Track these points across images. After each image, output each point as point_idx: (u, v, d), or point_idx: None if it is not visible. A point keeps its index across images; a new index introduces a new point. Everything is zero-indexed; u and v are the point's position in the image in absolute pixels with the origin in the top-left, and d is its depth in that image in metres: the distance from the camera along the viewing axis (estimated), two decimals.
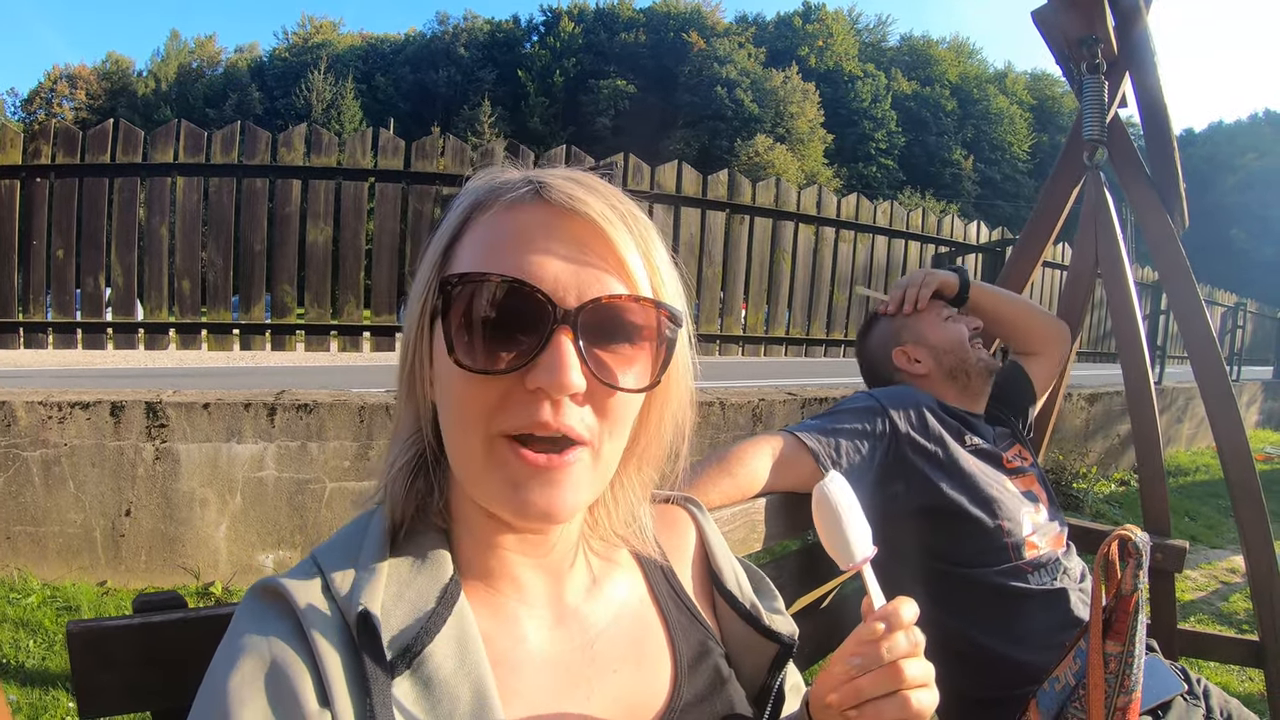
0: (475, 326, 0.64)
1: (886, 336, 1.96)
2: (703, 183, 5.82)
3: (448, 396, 0.67)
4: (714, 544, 0.92)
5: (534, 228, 0.66)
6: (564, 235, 0.66)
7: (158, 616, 0.86)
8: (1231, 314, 14.14)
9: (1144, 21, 2.14)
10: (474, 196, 0.70)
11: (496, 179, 0.71)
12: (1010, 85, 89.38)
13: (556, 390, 0.63)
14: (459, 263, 0.68)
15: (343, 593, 0.63)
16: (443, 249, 0.70)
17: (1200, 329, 2.28)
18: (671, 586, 0.86)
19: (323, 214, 4.96)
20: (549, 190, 0.67)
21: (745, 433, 4.78)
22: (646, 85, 77.41)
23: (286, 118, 60.04)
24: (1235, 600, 4.63)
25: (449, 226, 0.70)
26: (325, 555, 0.68)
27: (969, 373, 1.84)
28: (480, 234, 0.68)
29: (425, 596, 0.66)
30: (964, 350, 1.84)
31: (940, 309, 1.91)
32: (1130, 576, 1.35)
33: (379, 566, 0.66)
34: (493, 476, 0.66)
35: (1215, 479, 7.87)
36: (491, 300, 0.63)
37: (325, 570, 0.66)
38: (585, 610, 0.77)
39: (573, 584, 0.78)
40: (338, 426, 3.97)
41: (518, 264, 0.64)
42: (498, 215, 0.68)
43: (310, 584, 0.64)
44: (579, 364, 0.63)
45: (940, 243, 7.40)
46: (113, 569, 3.77)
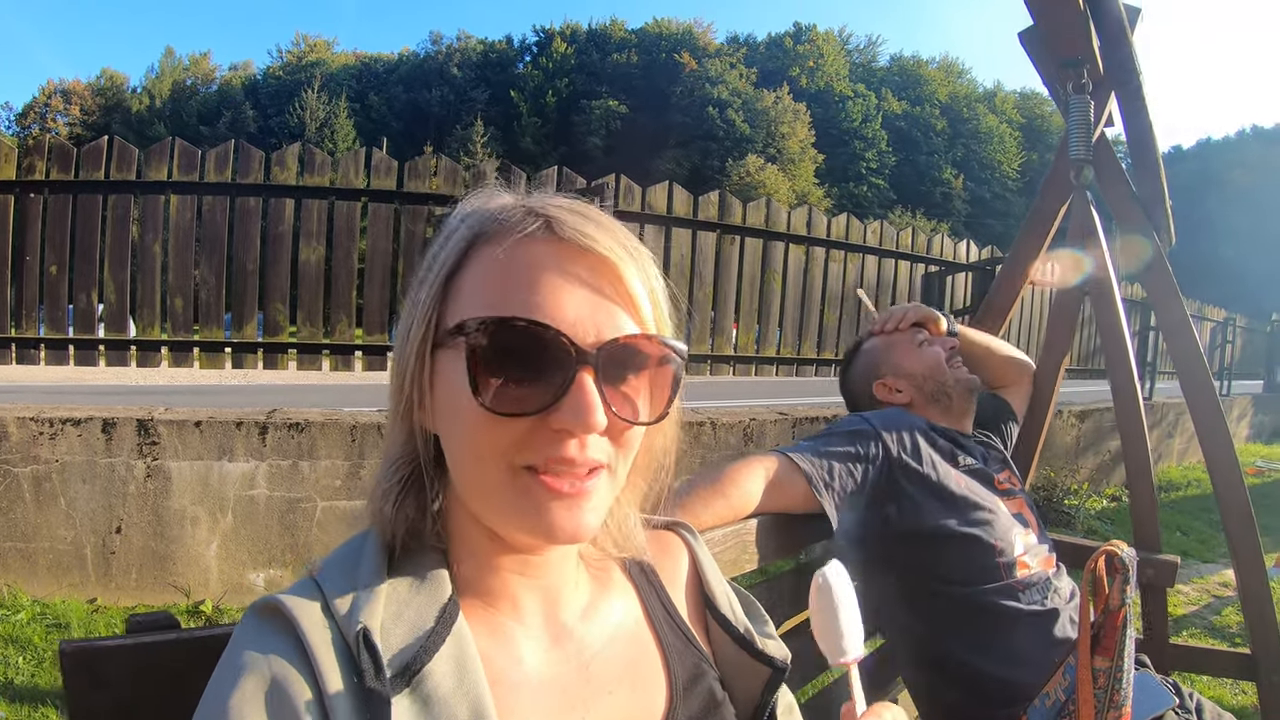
0: (500, 369, 0.64)
1: (867, 370, 1.99)
2: (694, 203, 5.86)
3: (463, 430, 0.67)
4: (707, 568, 0.93)
5: (548, 265, 0.67)
6: (578, 273, 0.67)
7: (150, 636, 0.85)
8: (1221, 329, 14.26)
9: (1129, 41, 2.17)
10: (476, 226, 0.70)
11: (496, 207, 0.71)
12: (1000, 104, 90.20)
13: (583, 431, 0.65)
14: (468, 297, 0.68)
15: (342, 612, 0.64)
16: (444, 279, 0.69)
17: (1188, 347, 2.30)
18: (666, 609, 0.86)
19: (315, 233, 4.97)
20: (560, 226, 0.68)
21: (736, 453, 4.78)
22: (638, 105, 77.86)
23: (280, 136, 60.26)
24: (1228, 614, 4.64)
25: (450, 256, 0.69)
26: (323, 574, 0.68)
27: (950, 394, 1.87)
28: (489, 269, 0.68)
29: (424, 616, 0.66)
30: (942, 373, 1.88)
31: (913, 335, 1.95)
32: (1118, 591, 1.36)
33: (377, 586, 0.66)
34: (516, 505, 0.67)
35: (1206, 493, 7.89)
36: (516, 343, 0.64)
37: (324, 589, 0.66)
38: (581, 631, 0.77)
39: (569, 605, 0.78)
40: (329, 445, 3.96)
41: (537, 304, 0.65)
42: (510, 251, 0.67)
43: (310, 603, 0.64)
44: (601, 404, 0.65)
45: (930, 262, 7.45)
46: (103, 586, 3.74)
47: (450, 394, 0.67)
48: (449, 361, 0.67)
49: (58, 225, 4.69)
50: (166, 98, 74.89)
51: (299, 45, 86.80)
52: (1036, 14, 2.07)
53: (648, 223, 5.52)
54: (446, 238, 0.71)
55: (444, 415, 0.69)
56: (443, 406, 0.68)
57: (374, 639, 0.62)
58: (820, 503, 1.56)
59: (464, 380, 0.64)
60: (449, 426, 0.68)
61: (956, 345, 1.93)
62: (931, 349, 1.90)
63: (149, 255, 4.83)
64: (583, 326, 0.65)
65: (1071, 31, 2.06)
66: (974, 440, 1.89)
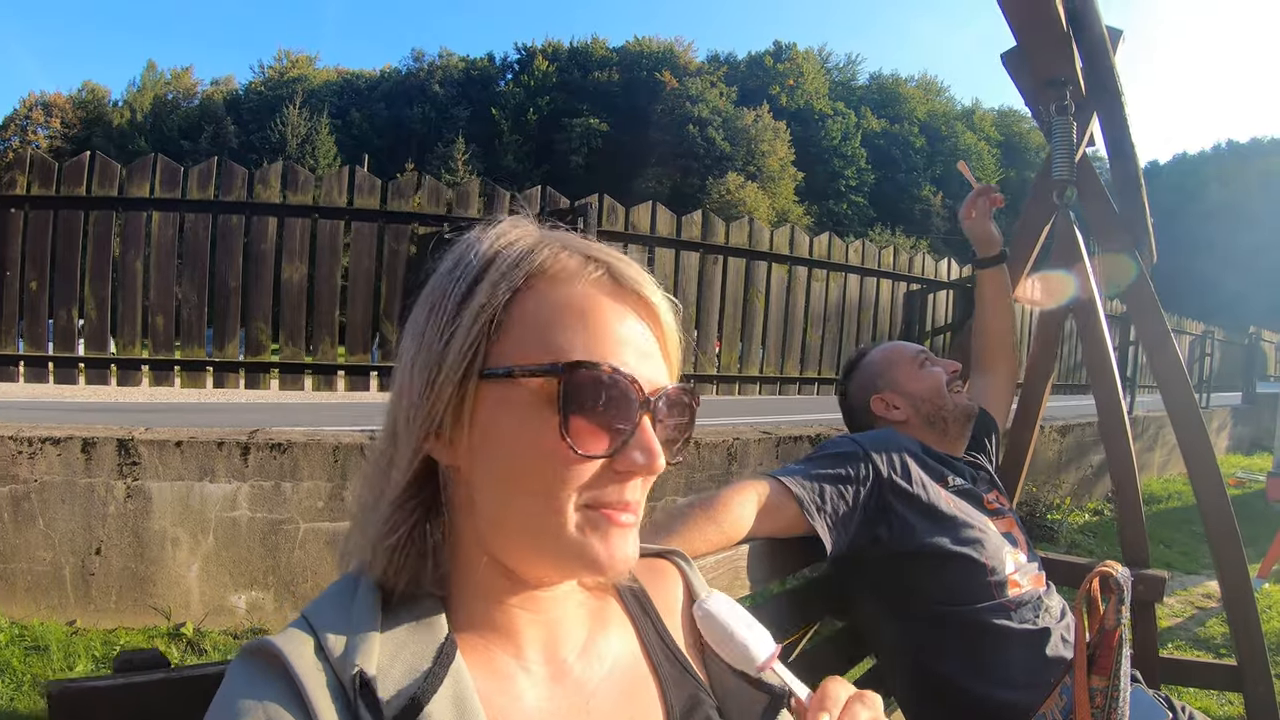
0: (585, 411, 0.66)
1: (865, 383, 2.00)
2: (677, 223, 5.88)
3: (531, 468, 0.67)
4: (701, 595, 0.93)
5: (615, 313, 0.70)
6: (636, 321, 0.71)
7: (140, 676, 0.83)
8: (1199, 342, 14.47)
9: (1111, 62, 2.20)
10: (532, 261, 0.70)
11: (547, 249, 0.71)
12: (978, 122, 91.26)
13: (648, 473, 0.69)
14: (530, 336, 0.68)
15: (337, 654, 0.63)
16: (493, 313, 0.68)
17: (1170, 362, 2.33)
18: (662, 639, 0.86)
19: (298, 251, 4.94)
20: (621, 276, 0.71)
21: (720, 472, 4.78)
22: (619, 123, 78.12)
23: (261, 151, 59.92)
24: (1211, 625, 4.68)
25: (502, 290, 0.69)
26: (316, 615, 0.67)
27: (946, 419, 1.88)
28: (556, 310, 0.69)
29: (421, 656, 0.65)
30: (940, 397, 1.88)
31: (918, 356, 1.95)
32: (1113, 611, 1.36)
33: (373, 627, 0.65)
34: (584, 541, 0.68)
35: (1188, 505, 7.97)
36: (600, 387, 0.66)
37: (318, 631, 0.64)
38: (580, 667, 0.77)
39: (569, 640, 0.78)
40: (312, 466, 3.92)
41: (610, 350, 0.68)
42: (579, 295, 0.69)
43: (304, 646, 0.63)
44: (661, 448, 0.69)
45: (912, 280, 7.51)
46: (82, 608, 3.68)
47: (512, 431, 0.68)
48: (503, 397, 0.68)
49: (38, 241, 4.63)
50: (148, 112, 74.33)
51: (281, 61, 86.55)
52: (1020, 35, 2.10)
53: (631, 243, 5.51)
54: (487, 268, 0.70)
55: (493, 452, 0.68)
56: (491, 443, 0.68)
57: (371, 682, 0.61)
58: (813, 526, 1.56)
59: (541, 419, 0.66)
60: (500, 463, 0.68)
61: (959, 369, 1.93)
62: (933, 370, 1.91)
63: (130, 272, 4.78)
64: (640, 373, 0.69)
65: (1055, 52, 2.09)
66: (963, 462, 1.90)
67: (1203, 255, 70.01)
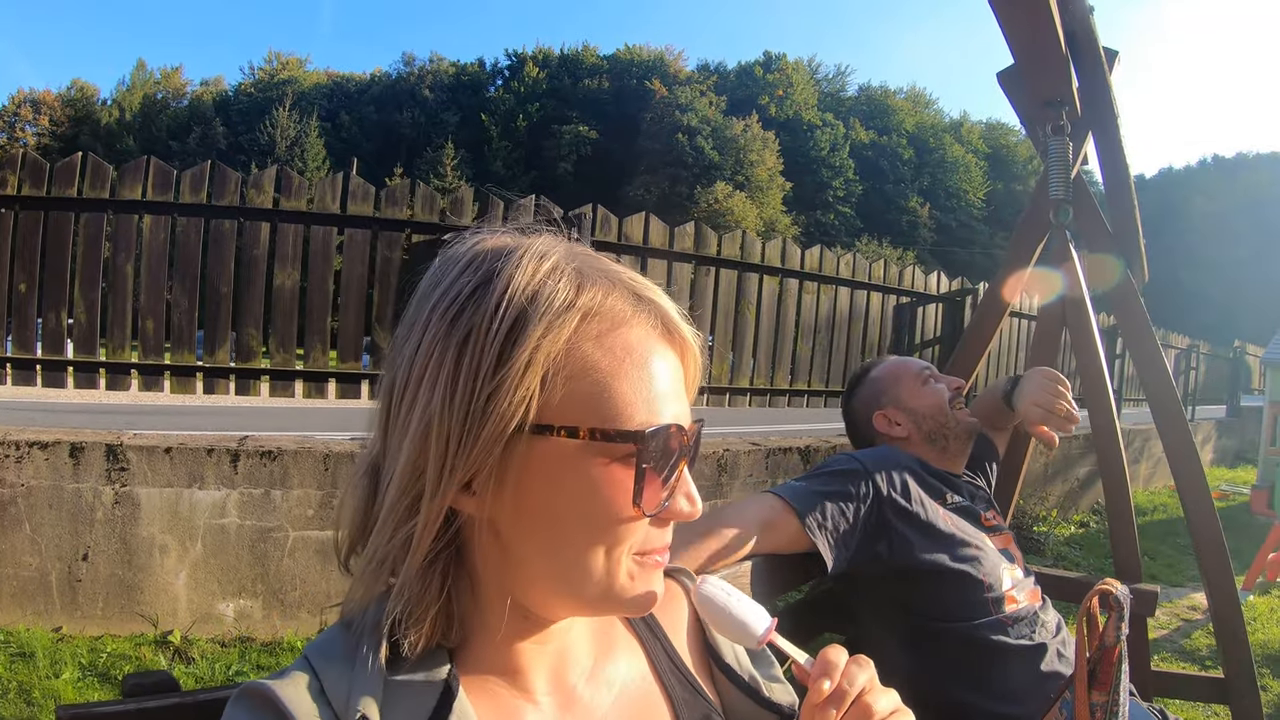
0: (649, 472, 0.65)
1: (869, 398, 2.01)
2: (670, 234, 5.89)
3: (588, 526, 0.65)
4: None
5: (663, 360, 0.69)
6: (678, 364, 0.71)
7: (152, 702, 0.83)
8: (1185, 356, 14.66)
9: (1107, 83, 2.24)
10: (584, 302, 0.65)
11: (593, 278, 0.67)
12: (966, 134, 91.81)
13: (693, 519, 0.70)
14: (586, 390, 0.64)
15: (338, 695, 0.61)
16: (543, 360, 0.63)
17: (1159, 376, 2.36)
18: (671, 659, 0.85)
19: (291, 257, 4.92)
20: (671, 324, 0.71)
21: (710, 484, 4.78)
22: (608, 131, 78.21)
23: (250, 153, 59.68)
24: (1197, 637, 4.72)
25: (559, 331, 0.63)
26: (318, 655, 0.65)
27: (948, 436, 1.89)
28: (615, 358, 0.65)
29: (424, 698, 0.64)
30: (943, 415, 1.89)
31: (921, 373, 1.96)
32: (1112, 628, 1.38)
33: (376, 667, 0.63)
34: (632, 587, 0.68)
35: (1173, 517, 8.04)
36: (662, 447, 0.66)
37: (319, 671, 0.63)
38: (589, 694, 0.76)
39: (576, 666, 0.77)
40: (302, 474, 3.90)
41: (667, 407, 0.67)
42: (636, 339, 0.67)
43: (303, 689, 0.61)
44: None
45: (901, 293, 7.56)
46: (68, 615, 3.64)
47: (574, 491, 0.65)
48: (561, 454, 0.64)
49: (28, 241, 4.59)
50: (137, 111, 73.76)
51: (272, 62, 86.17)
52: (1019, 56, 2.12)
53: (624, 253, 5.52)
54: (532, 304, 0.63)
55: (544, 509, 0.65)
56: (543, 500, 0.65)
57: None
58: (814, 543, 1.57)
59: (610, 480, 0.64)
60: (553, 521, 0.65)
61: (962, 386, 1.94)
62: (936, 387, 1.92)
63: (121, 275, 4.74)
64: (680, 419, 0.68)
65: (1052, 73, 2.11)
66: (962, 480, 1.92)
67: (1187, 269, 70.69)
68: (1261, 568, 5.68)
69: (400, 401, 0.65)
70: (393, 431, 0.66)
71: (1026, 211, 2.48)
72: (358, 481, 0.72)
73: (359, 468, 0.72)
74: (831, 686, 0.71)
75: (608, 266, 0.70)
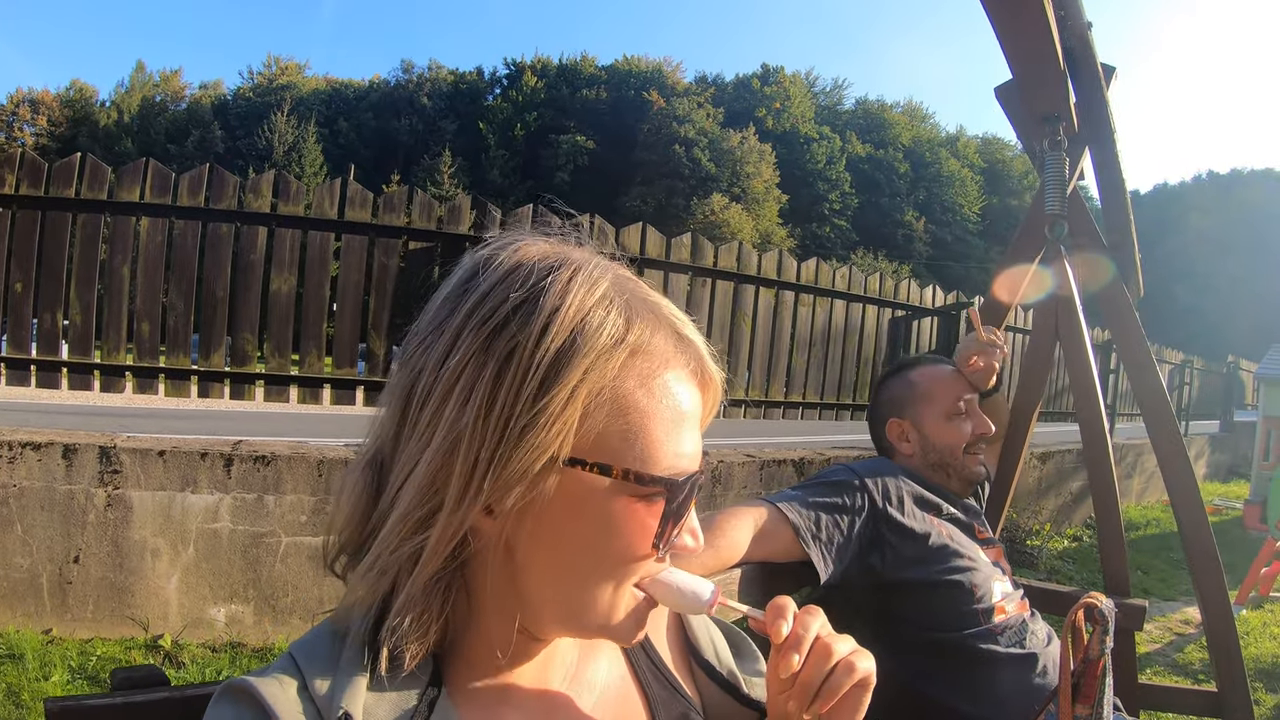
0: (675, 515, 0.67)
1: (895, 400, 1.99)
2: (666, 245, 5.90)
3: (605, 561, 0.67)
4: (690, 615, 0.93)
5: (694, 403, 0.69)
6: (702, 404, 0.71)
7: (139, 696, 0.83)
8: (1179, 371, 14.73)
9: (1105, 98, 2.25)
10: (633, 337, 0.64)
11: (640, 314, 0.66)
12: (962, 149, 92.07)
13: (695, 554, 0.73)
14: (622, 430, 0.64)
15: (321, 694, 0.61)
16: (585, 392, 0.62)
17: (1154, 391, 2.37)
18: (650, 659, 0.86)
19: (288, 262, 4.91)
20: (706, 370, 0.71)
21: (704, 494, 4.78)
22: (606, 142, 78.28)
23: (248, 158, 59.65)
24: (1190, 651, 4.73)
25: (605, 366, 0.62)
26: (303, 653, 0.65)
27: (949, 475, 1.89)
28: (654, 398, 0.65)
29: (407, 698, 0.64)
30: (953, 456, 1.88)
31: (956, 401, 1.91)
32: (1097, 642, 1.39)
33: (361, 669, 0.63)
34: (626, 621, 0.70)
35: (1165, 532, 8.07)
36: (690, 492, 0.68)
37: (304, 669, 0.63)
38: (570, 695, 0.77)
39: (557, 670, 0.77)
40: (295, 479, 3.89)
41: (690, 450, 0.68)
42: (675, 381, 0.67)
43: (287, 686, 0.61)
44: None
45: (896, 306, 7.59)
46: (58, 617, 3.62)
47: (597, 527, 0.65)
48: (592, 489, 0.64)
49: (25, 241, 4.58)
50: (135, 113, 73.61)
51: (271, 67, 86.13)
52: (1016, 71, 2.13)
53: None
54: (580, 334, 0.61)
55: (564, 540, 0.65)
56: (565, 532, 0.65)
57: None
58: (807, 553, 1.58)
59: (634, 521, 0.66)
60: (570, 553, 0.66)
61: (987, 434, 1.90)
62: (961, 427, 1.89)
63: (117, 277, 4.74)
64: (696, 458, 0.70)
65: (1051, 89, 2.13)
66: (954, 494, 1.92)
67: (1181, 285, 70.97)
68: (1254, 582, 5.70)
69: (423, 406, 0.63)
70: (410, 436, 0.64)
71: (1022, 226, 2.49)
72: (355, 475, 0.69)
73: (357, 461, 0.70)
74: (789, 629, 0.72)
75: (651, 297, 0.70)
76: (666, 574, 0.81)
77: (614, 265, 0.70)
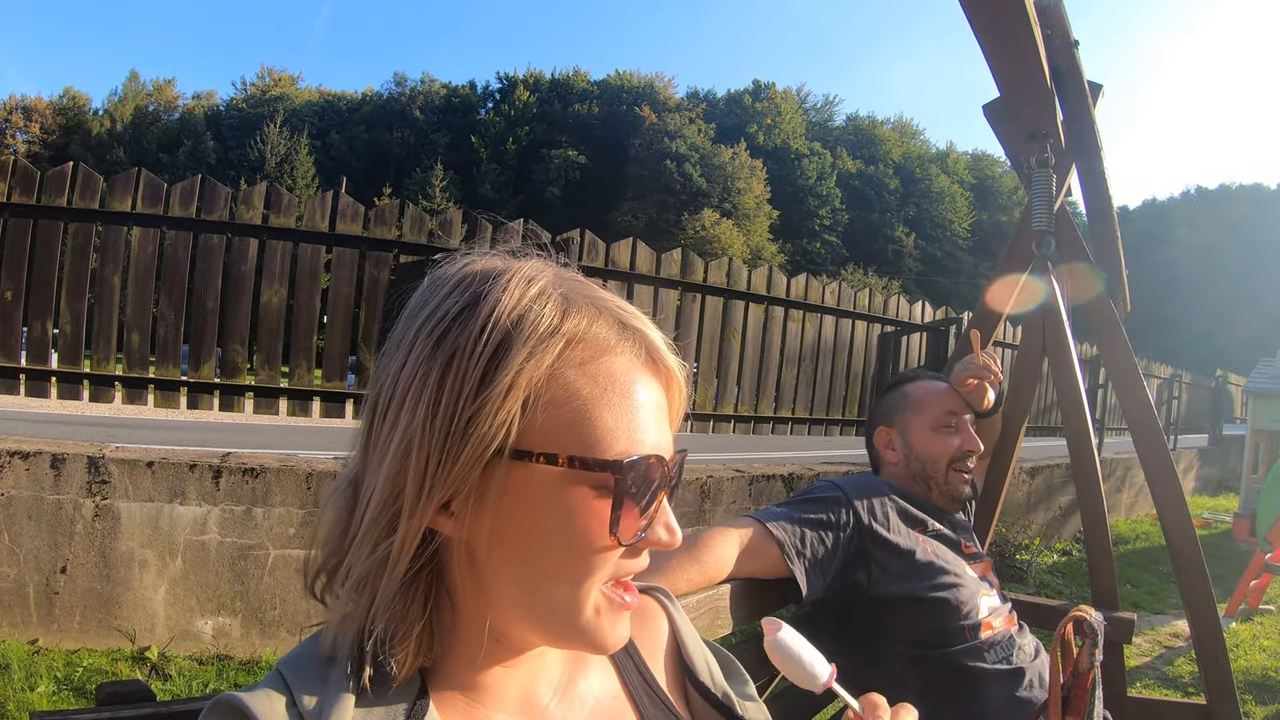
0: (626, 502, 0.64)
1: (889, 409, 2.00)
2: (656, 260, 5.93)
3: (564, 555, 0.65)
4: (685, 634, 0.92)
5: (646, 390, 0.68)
6: (660, 394, 0.70)
7: (126, 711, 0.83)
8: (1168, 385, 14.80)
9: (1091, 116, 2.28)
10: (568, 329, 0.65)
11: (579, 305, 0.67)
12: (952, 165, 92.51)
13: (671, 548, 0.69)
14: (566, 418, 0.64)
15: (309, 709, 0.61)
16: (524, 386, 0.63)
17: (1141, 406, 2.39)
18: (644, 678, 0.85)
19: (278, 274, 4.92)
20: (657, 354, 0.70)
21: (693, 510, 4.79)
22: (597, 156, 78.42)
23: (239, 168, 59.47)
24: (1179, 664, 4.74)
25: (543, 357, 0.63)
26: (290, 669, 0.65)
27: (931, 488, 1.89)
28: (597, 386, 0.65)
29: (394, 711, 0.64)
30: (935, 470, 1.88)
31: (945, 414, 1.92)
32: (1086, 655, 1.40)
33: (349, 686, 0.63)
34: (596, 623, 0.67)
35: (1154, 545, 8.09)
36: (641, 476, 0.65)
37: (291, 686, 0.63)
38: (559, 713, 0.76)
39: (545, 683, 0.77)
40: (284, 492, 3.88)
41: (649, 438, 0.66)
42: (620, 368, 0.67)
43: (275, 702, 0.62)
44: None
45: (886, 322, 7.62)
46: (45, 627, 3.59)
47: (551, 520, 0.64)
48: (540, 481, 0.64)
49: (16, 250, 4.58)
50: (128, 122, 73.40)
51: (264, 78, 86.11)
52: (1004, 89, 2.16)
53: (611, 279, 5.55)
54: (518, 328, 0.63)
55: (519, 536, 0.65)
56: (519, 527, 0.65)
57: None
58: (791, 569, 1.59)
59: (588, 510, 0.64)
60: (528, 549, 0.65)
61: (975, 451, 1.90)
62: (948, 441, 1.89)
63: (107, 287, 4.73)
64: (661, 448, 0.68)
65: (1038, 107, 2.15)
66: (942, 510, 1.93)
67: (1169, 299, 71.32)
68: (1244, 595, 5.71)
69: (383, 418, 0.65)
70: (374, 448, 0.66)
71: (1010, 242, 2.52)
72: (337, 495, 0.71)
73: (339, 482, 0.71)
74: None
75: (595, 293, 0.70)
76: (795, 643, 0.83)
77: (559, 268, 0.71)
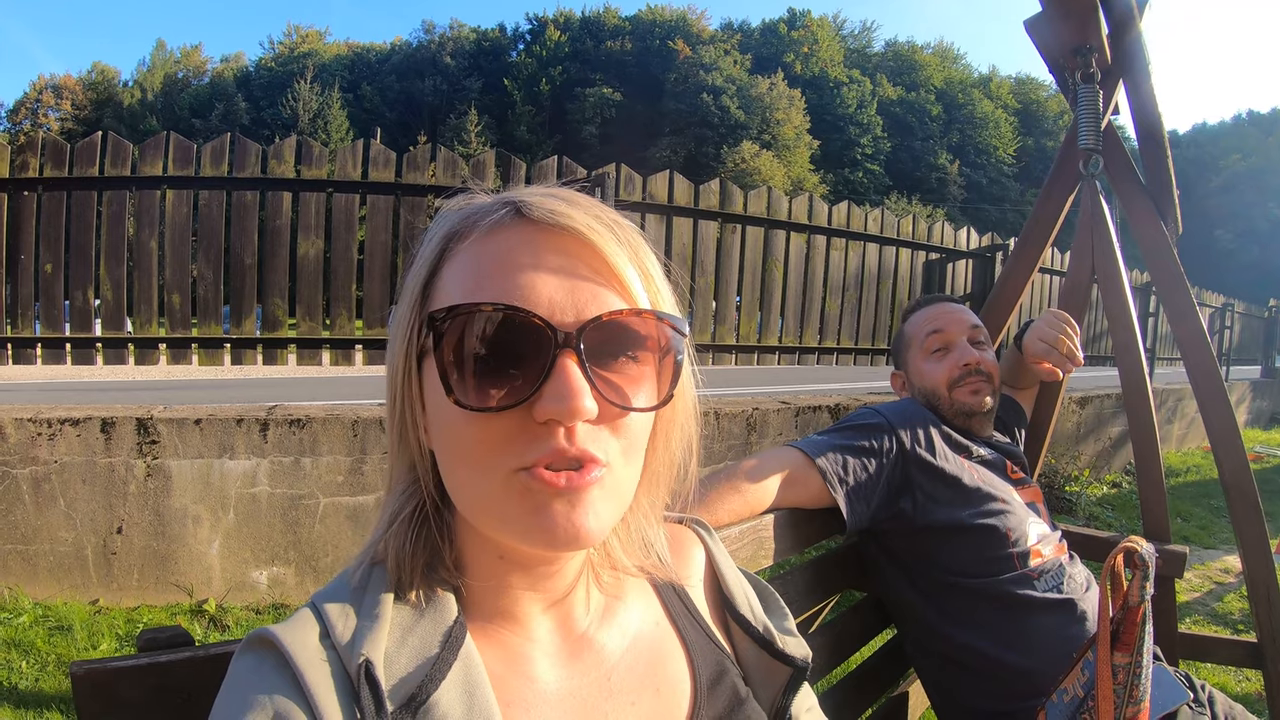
0: (472, 362, 0.60)
1: (895, 350, 1.99)
2: (694, 192, 5.80)
3: (450, 439, 0.63)
4: (723, 566, 0.90)
5: (519, 248, 0.63)
6: (552, 253, 0.63)
7: (164, 655, 0.83)
8: (1219, 315, 14.30)
9: (1138, 29, 2.15)
10: (448, 226, 0.67)
11: (470, 205, 0.68)
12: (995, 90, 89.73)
13: (569, 418, 0.59)
14: (442, 297, 0.64)
15: (343, 642, 0.61)
16: (421, 285, 0.65)
17: (1194, 335, 2.29)
18: (686, 605, 0.84)
19: (314, 226, 4.93)
20: (529, 208, 0.64)
21: (739, 443, 4.77)
22: (633, 93, 77.45)
23: (273, 128, 59.95)
24: (1230, 600, 4.66)
25: (424, 261, 0.66)
26: (325, 601, 0.65)
27: (942, 414, 1.83)
28: (461, 263, 0.64)
29: (429, 642, 0.63)
30: (938, 398, 1.83)
31: (927, 340, 1.87)
32: (1137, 588, 1.35)
33: (381, 613, 0.63)
34: (513, 509, 0.61)
35: (1206, 479, 7.93)
36: (486, 331, 0.60)
37: (325, 618, 0.63)
38: (600, 640, 0.75)
39: (585, 615, 0.75)
40: (331, 441, 3.94)
41: (507, 289, 0.61)
42: (478, 241, 0.64)
43: (309, 635, 0.61)
44: (589, 388, 0.59)
45: (930, 249, 7.42)
46: (104, 587, 3.73)
47: (435, 402, 0.63)
48: (429, 368, 0.64)
49: (52, 223, 4.65)
50: (158, 91, 74.31)
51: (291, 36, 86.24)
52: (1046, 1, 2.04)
53: (649, 212, 5.47)
54: (423, 243, 0.68)
55: (434, 428, 0.65)
56: (433, 419, 0.65)
57: (376, 672, 0.59)
58: (834, 498, 1.56)
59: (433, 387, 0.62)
60: (440, 439, 0.64)
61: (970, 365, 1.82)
62: (940, 366, 1.84)
63: (145, 251, 4.79)
64: (560, 308, 0.61)
65: (1081, 18, 2.03)
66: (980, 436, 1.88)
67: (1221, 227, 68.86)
68: None
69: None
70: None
71: (1056, 163, 2.40)
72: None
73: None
74: None
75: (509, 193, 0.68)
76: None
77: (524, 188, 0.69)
